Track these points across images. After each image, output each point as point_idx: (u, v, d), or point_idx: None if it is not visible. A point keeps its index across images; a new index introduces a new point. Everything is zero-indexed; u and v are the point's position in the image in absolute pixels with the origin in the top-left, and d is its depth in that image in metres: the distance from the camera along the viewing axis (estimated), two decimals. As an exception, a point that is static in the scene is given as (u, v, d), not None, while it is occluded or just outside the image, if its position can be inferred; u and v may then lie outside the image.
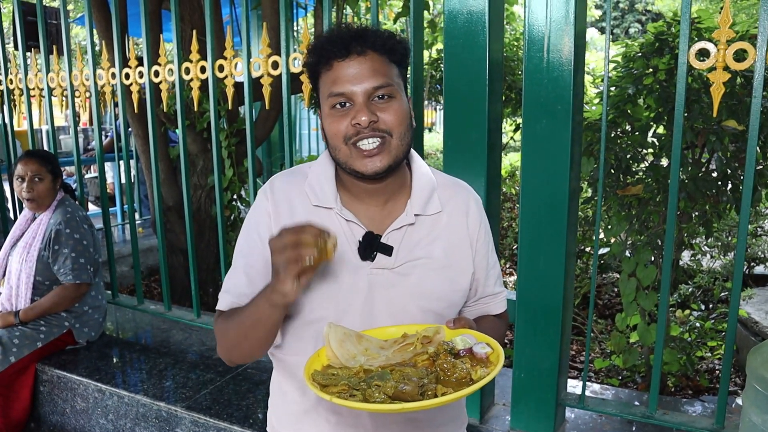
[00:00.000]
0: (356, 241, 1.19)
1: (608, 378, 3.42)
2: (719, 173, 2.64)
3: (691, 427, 2.02)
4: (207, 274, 4.15)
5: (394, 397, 0.96)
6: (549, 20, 1.94)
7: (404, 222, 1.21)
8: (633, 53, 2.74)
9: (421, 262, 1.21)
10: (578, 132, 2.07)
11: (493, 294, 1.36)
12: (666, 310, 2.02)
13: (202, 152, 4.00)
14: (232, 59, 2.60)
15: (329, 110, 1.15)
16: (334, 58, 1.13)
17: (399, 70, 1.18)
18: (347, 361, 1.06)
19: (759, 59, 1.73)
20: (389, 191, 1.23)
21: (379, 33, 1.15)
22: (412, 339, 1.10)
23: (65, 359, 2.90)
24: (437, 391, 0.97)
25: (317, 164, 1.26)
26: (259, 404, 2.50)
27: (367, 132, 1.11)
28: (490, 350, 1.05)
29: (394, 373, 1.00)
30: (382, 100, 1.13)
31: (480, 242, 1.30)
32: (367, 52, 1.12)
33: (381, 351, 1.09)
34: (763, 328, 3.50)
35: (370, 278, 1.18)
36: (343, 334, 1.09)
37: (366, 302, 1.19)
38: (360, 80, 1.11)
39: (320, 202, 1.21)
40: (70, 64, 3.20)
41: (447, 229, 1.25)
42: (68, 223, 2.85)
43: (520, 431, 2.23)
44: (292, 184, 1.25)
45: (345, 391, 0.98)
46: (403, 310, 1.19)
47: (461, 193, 1.31)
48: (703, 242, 3.99)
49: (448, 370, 1.02)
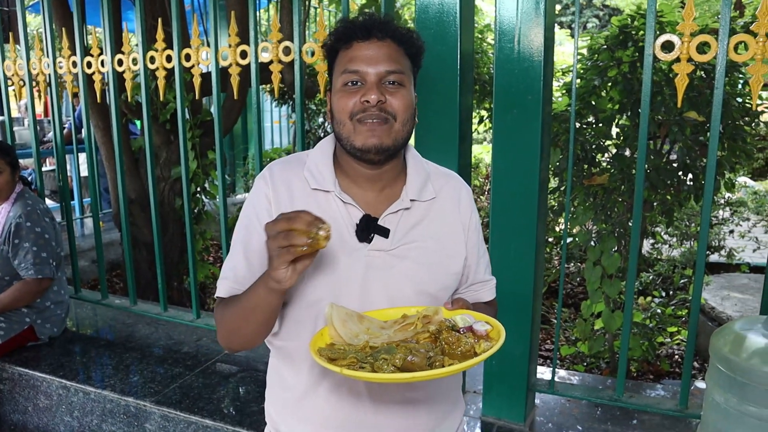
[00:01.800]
0: (353, 223, 1.22)
1: (573, 365, 3.50)
2: (680, 163, 2.72)
3: (656, 408, 2.09)
4: (171, 268, 4.09)
5: (403, 369, 0.98)
6: (520, 11, 1.96)
7: (400, 206, 1.24)
8: (598, 46, 2.80)
9: (416, 245, 1.24)
10: (548, 123, 2.11)
11: (484, 281, 1.40)
12: (632, 296, 2.08)
13: (164, 144, 3.93)
14: (198, 48, 2.56)
15: (341, 86, 1.18)
16: (355, 38, 1.18)
17: (412, 64, 1.23)
18: (350, 339, 1.07)
19: (721, 51, 1.79)
20: (386, 178, 1.26)
21: (400, 26, 1.20)
22: (413, 319, 1.12)
23: (27, 356, 2.82)
24: (444, 362, 0.99)
25: (316, 150, 1.29)
26: (230, 397, 2.48)
27: (374, 111, 1.15)
28: (490, 328, 1.08)
29: (399, 348, 1.01)
30: (393, 86, 1.17)
31: (471, 230, 1.34)
32: (386, 39, 1.18)
33: (383, 331, 1.11)
34: (719, 314, 3.63)
35: (366, 260, 1.21)
36: (345, 314, 1.11)
37: (363, 284, 1.21)
38: (375, 62, 1.16)
39: (319, 186, 1.23)
40: (28, 53, 3.09)
41: (440, 215, 1.29)
42: (29, 216, 2.76)
43: (492, 417, 2.27)
44: (290, 170, 1.27)
45: (354, 364, 0.99)
46: (398, 291, 1.22)
47: (453, 182, 1.36)
48: (663, 231, 4.11)
49: (453, 344, 1.04)
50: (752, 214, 5.14)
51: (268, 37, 2.46)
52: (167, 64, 2.65)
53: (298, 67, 2.40)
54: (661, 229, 3.92)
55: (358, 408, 1.25)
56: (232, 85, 2.51)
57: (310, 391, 1.27)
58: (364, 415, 1.24)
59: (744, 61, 1.88)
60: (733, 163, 2.78)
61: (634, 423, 2.26)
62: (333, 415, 1.26)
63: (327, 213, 1.21)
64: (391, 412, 1.25)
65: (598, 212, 2.94)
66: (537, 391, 2.31)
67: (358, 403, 1.24)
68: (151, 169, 2.84)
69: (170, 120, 3.83)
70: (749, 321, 1.68)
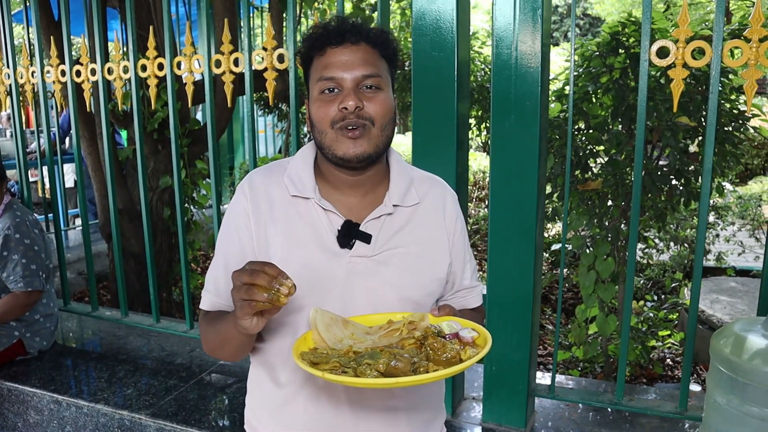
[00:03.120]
0: (335, 229, 1.21)
1: (567, 370, 3.51)
2: (672, 168, 2.76)
3: (657, 411, 2.10)
4: (160, 279, 4.04)
5: (387, 374, 0.96)
6: (517, 18, 1.98)
7: (383, 212, 1.23)
8: (590, 53, 2.83)
9: (399, 251, 1.23)
10: (545, 128, 2.12)
11: (470, 287, 1.39)
12: (630, 300, 2.09)
13: (152, 153, 3.89)
14: (191, 56, 2.54)
15: (318, 95, 1.17)
16: (329, 44, 1.16)
17: (389, 65, 1.22)
18: (334, 344, 1.06)
19: (715, 57, 1.81)
20: (368, 183, 1.25)
21: (373, 28, 1.19)
22: (398, 325, 1.11)
23: (16, 371, 2.76)
24: (429, 368, 0.98)
25: (297, 157, 1.28)
26: (227, 408, 2.45)
27: (352, 118, 1.14)
28: (476, 334, 1.07)
29: (383, 353, 1.00)
30: (370, 90, 1.16)
31: (456, 235, 1.33)
32: (360, 42, 1.16)
33: (367, 336, 1.10)
34: (709, 317, 3.66)
35: (348, 266, 1.19)
36: (330, 318, 1.10)
37: (345, 290, 1.20)
38: (351, 67, 1.14)
39: (299, 193, 1.22)
40: (14, 62, 3.05)
41: (424, 221, 1.28)
42: (18, 227, 2.71)
43: (492, 423, 2.26)
44: (270, 178, 1.26)
45: (336, 369, 0.97)
46: (381, 298, 1.21)
47: (437, 187, 1.35)
48: (654, 235, 4.15)
49: (438, 350, 1.03)
50: (737, 218, 5.22)
51: (262, 44, 2.45)
52: (159, 72, 2.63)
53: (292, 76, 2.39)
54: (651, 234, 3.96)
55: (337, 415, 1.23)
56: (226, 93, 2.50)
57: (289, 398, 1.26)
58: (344, 423, 1.23)
59: (738, 66, 1.92)
60: (722, 167, 2.82)
61: (633, 426, 2.27)
62: (312, 423, 1.24)
63: (307, 219, 1.21)
64: (370, 420, 1.24)
65: (591, 217, 2.96)
66: (537, 396, 2.31)
67: (338, 410, 1.23)
68: (143, 179, 2.81)
69: (157, 129, 3.80)
70: (749, 322, 1.70)
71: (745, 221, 5.20)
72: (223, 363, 2.82)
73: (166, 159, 3.83)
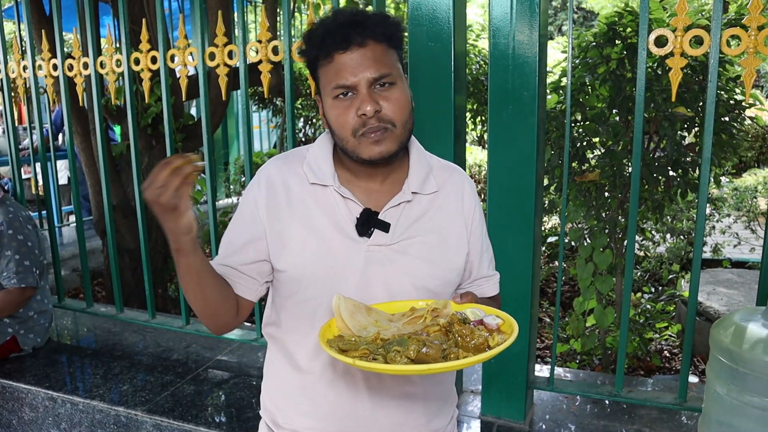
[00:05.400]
0: (354, 217, 1.20)
1: (565, 363, 3.51)
2: (669, 159, 2.75)
3: (656, 402, 2.09)
4: (155, 275, 4.01)
5: (417, 361, 0.96)
6: (514, 8, 1.96)
7: (402, 199, 1.22)
8: (586, 44, 2.81)
9: (417, 239, 1.22)
10: (543, 119, 2.11)
11: (487, 276, 1.38)
12: (629, 291, 2.08)
13: (146, 149, 3.86)
14: (185, 49, 2.52)
15: (332, 101, 1.15)
16: (335, 50, 1.13)
17: (398, 53, 1.20)
18: (359, 331, 1.05)
19: (714, 45, 1.80)
20: (388, 171, 1.24)
21: (376, 20, 1.15)
22: (421, 312, 1.10)
23: (10, 368, 2.73)
24: (459, 354, 0.97)
25: (316, 145, 1.28)
26: (224, 404, 2.43)
27: (372, 123, 1.13)
28: (501, 321, 1.06)
29: (411, 340, 0.99)
30: (384, 88, 1.14)
31: (475, 224, 1.32)
32: (367, 42, 1.13)
33: (391, 323, 1.09)
34: (706, 308, 3.66)
35: (366, 255, 1.19)
36: (353, 305, 1.09)
37: (362, 279, 1.19)
38: (362, 70, 1.12)
39: (318, 180, 1.22)
40: (5, 57, 3.02)
41: (443, 209, 1.27)
42: (11, 223, 2.68)
43: (491, 416, 2.25)
44: (287, 167, 1.26)
45: (366, 355, 0.97)
46: (398, 286, 1.21)
47: (456, 176, 1.34)
48: (651, 227, 4.15)
49: (466, 336, 1.02)
50: (732, 210, 5.22)
51: (257, 36, 2.42)
52: (152, 66, 2.60)
53: (288, 68, 2.37)
54: (648, 226, 3.95)
55: (355, 401, 1.24)
56: (220, 86, 2.47)
57: (308, 384, 1.27)
58: (362, 408, 1.24)
59: (736, 55, 1.90)
60: (720, 158, 2.81)
61: (632, 418, 2.26)
62: (330, 408, 1.25)
63: (325, 207, 1.21)
64: (387, 407, 1.25)
65: (589, 209, 2.95)
66: (536, 389, 2.30)
67: (356, 396, 1.24)
68: (137, 175, 2.78)
69: (151, 125, 3.77)
70: (749, 312, 1.69)
71: (740, 213, 5.20)
72: (219, 358, 2.81)
73: (160, 154, 3.80)
